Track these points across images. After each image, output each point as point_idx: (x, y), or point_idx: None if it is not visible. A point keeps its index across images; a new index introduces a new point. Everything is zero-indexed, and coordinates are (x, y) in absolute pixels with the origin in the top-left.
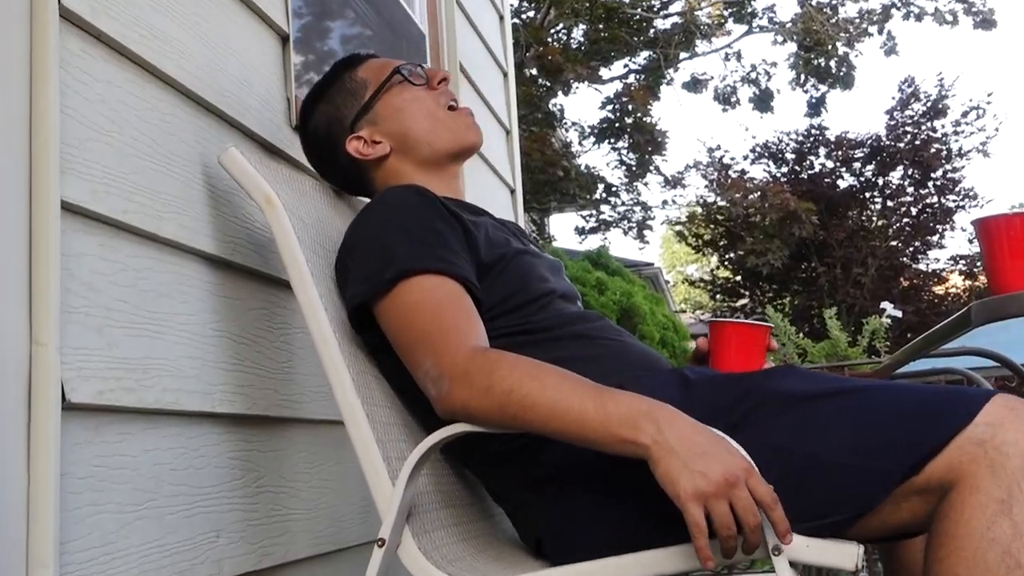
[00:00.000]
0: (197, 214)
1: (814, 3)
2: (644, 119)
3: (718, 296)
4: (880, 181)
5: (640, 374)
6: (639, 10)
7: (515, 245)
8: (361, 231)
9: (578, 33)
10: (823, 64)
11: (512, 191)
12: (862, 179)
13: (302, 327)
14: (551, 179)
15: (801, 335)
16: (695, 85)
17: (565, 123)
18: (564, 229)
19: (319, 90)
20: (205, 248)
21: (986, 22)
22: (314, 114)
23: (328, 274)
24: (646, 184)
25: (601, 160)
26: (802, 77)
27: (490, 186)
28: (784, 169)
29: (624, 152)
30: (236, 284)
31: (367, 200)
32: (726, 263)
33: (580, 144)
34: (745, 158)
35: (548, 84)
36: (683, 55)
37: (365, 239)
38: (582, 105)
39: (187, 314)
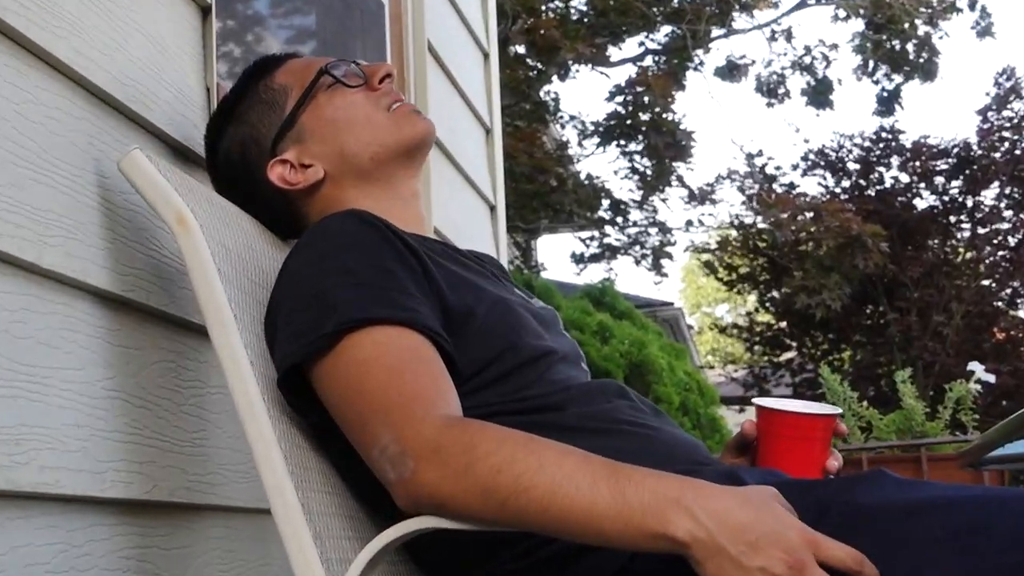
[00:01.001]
0: (89, 238)
1: None
2: (664, 115)
3: (756, 347)
4: (969, 202)
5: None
6: None
7: (494, 289)
8: (292, 274)
9: (580, 0)
10: (898, 47)
11: (492, 208)
12: (946, 198)
13: (221, 386)
14: (541, 190)
15: (864, 403)
16: (731, 71)
17: (561, 117)
18: (556, 255)
19: (226, 107)
20: (98, 283)
21: None
22: (223, 138)
23: (257, 317)
24: (665, 199)
25: (607, 167)
26: (870, 64)
27: (463, 201)
28: (845, 183)
29: (637, 157)
30: (136, 329)
31: None
32: (767, 304)
33: (580, 145)
34: (795, 167)
35: (540, 66)
36: (716, 32)
37: (297, 283)
38: (583, 95)
39: (73, 368)
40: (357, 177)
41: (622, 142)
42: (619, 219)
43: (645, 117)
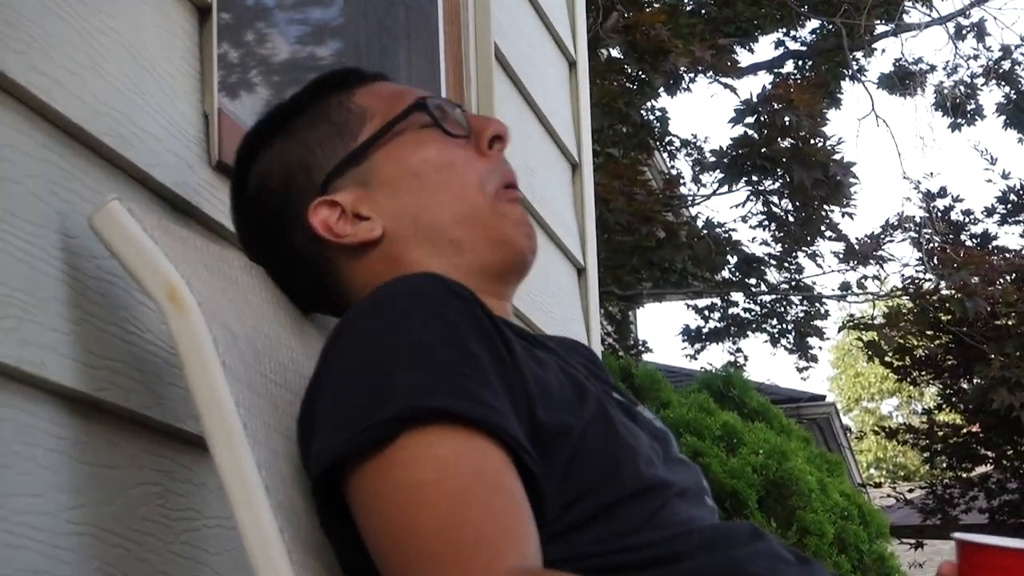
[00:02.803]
0: (50, 320)
1: None
2: (812, 140)
3: (939, 458)
4: None
5: None
6: None
7: (595, 398)
8: (343, 350)
9: None
10: None
11: (580, 270)
12: None
13: (223, 518)
14: (644, 243)
15: None
16: (902, 81)
17: (671, 143)
18: (664, 331)
19: (278, 117)
20: (61, 379)
21: None
22: (263, 156)
23: (274, 426)
24: (814, 256)
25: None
26: None
27: (542, 263)
28: None
29: (775, 199)
30: (111, 442)
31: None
32: (954, 399)
33: (696, 182)
34: (990, 213)
35: (642, 75)
36: (881, 28)
37: (349, 361)
38: (701, 113)
39: (29, 495)
40: (430, 244)
41: (754, 178)
42: (750, 282)
43: (786, 144)
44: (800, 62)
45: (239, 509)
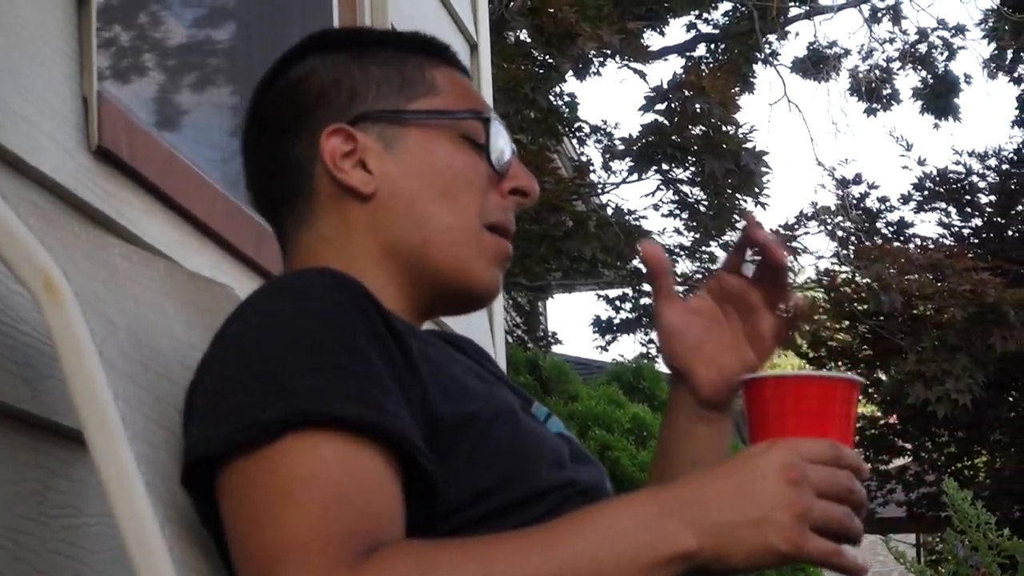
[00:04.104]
0: None
1: None
2: (724, 128)
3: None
4: None
5: None
6: None
7: (501, 397)
8: (232, 340)
9: None
10: None
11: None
12: None
13: (103, 515)
14: (552, 233)
15: (1006, 529)
16: (816, 65)
17: (580, 129)
18: (573, 322)
19: (363, 36)
20: None
21: None
22: (325, 56)
23: (154, 419)
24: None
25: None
26: (1008, 54)
27: None
28: (976, 221)
29: (687, 187)
30: None
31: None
32: (870, 391)
33: (606, 169)
34: (906, 200)
35: (550, 60)
36: (795, 10)
37: (236, 353)
38: (611, 99)
39: None
40: (395, 246)
41: (665, 166)
42: None
43: (697, 132)
44: (712, 45)
45: (118, 505)
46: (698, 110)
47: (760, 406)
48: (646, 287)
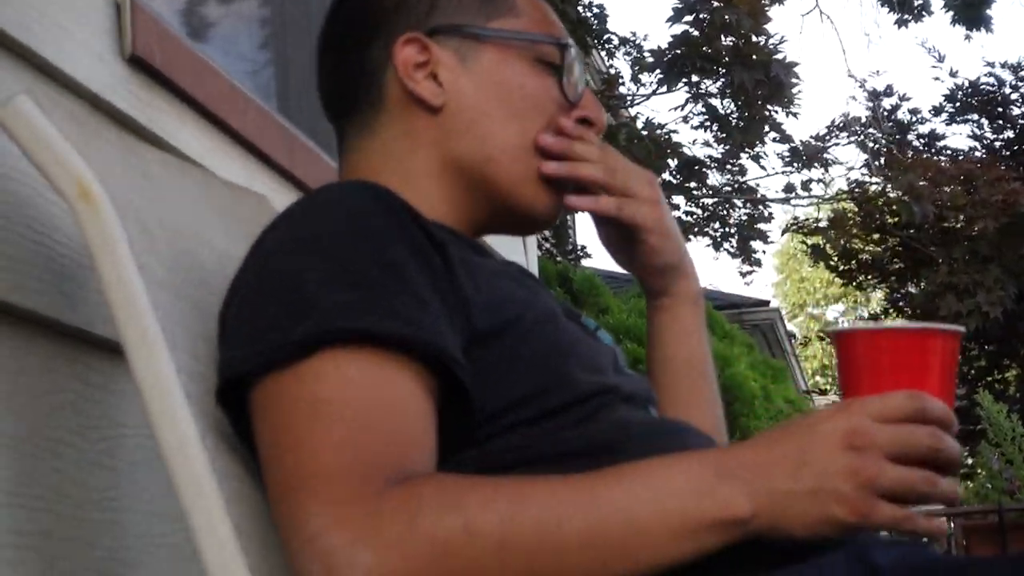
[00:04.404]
0: None
1: None
2: (754, 39)
3: None
4: None
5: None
6: None
7: (542, 301)
8: (265, 254)
9: None
10: None
11: None
12: None
13: (140, 426)
14: None
15: None
16: None
17: (608, 41)
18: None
19: None
20: None
21: None
22: None
23: (195, 330)
24: (757, 158)
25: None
26: None
27: None
28: (1009, 133)
29: (717, 100)
30: (21, 348)
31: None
32: (900, 304)
33: (635, 82)
34: (937, 112)
35: None
36: None
37: (269, 266)
38: (639, 11)
39: None
40: (468, 147)
41: (694, 78)
42: (691, 185)
43: (727, 42)
44: None
45: (157, 417)
46: (728, 21)
47: (852, 361)
48: (675, 199)
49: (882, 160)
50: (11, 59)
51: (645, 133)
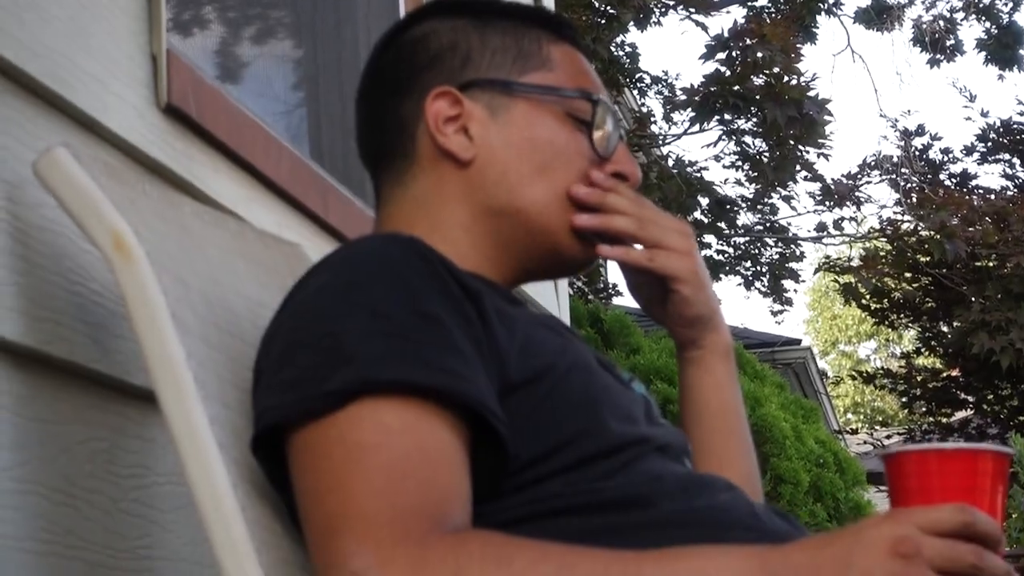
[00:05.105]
0: None
1: None
2: (786, 78)
3: (917, 403)
4: None
5: None
6: None
7: (575, 350)
8: (300, 304)
9: None
10: None
11: None
12: None
13: (174, 474)
14: None
15: None
16: (879, 16)
17: (641, 80)
18: None
19: (479, 3)
20: (4, 333)
21: None
22: (446, 18)
23: (228, 379)
24: (789, 197)
25: (706, 152)
26: None
27: None
28: None
29: (749, 138)
30: (56, 396)
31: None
32: (933, 343)
33: (667, 120)
34: (969, 151)
35: (611, 10)
36: None
37: (305, 317)
38: (672, 50)
39: None
40: (494, 199)
41: (727, 116)
42: (723, 224)
43: (759, 81)
44: None
45: (190, 466)
46: (760, 59)
47: (902, 481)
48: (706, 239)
49: (914, 198)
50: (48, 111)
51: (676, 172)
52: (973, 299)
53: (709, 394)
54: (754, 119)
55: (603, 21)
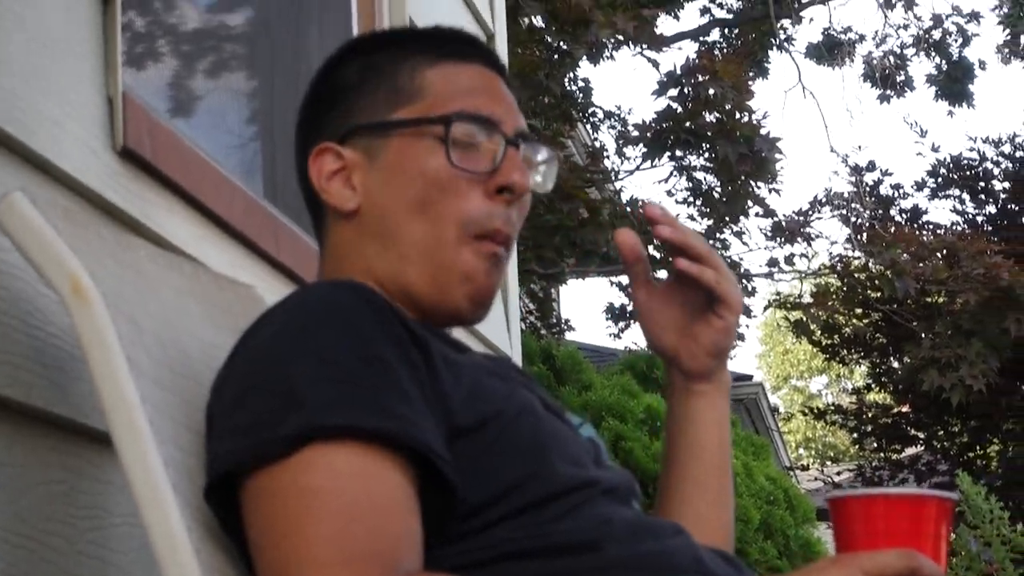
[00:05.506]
0: None
1: None
2: (738, 115)
3: (868, 439)
4: None
5: None
6: None
7: (523, 396)
8: (252, 351)
9: None
10: None
11: None
12: None
13: (129, 515)
14: (566, 222)
15: (1019, 525)
16: (830, 51)
17: (593, 114)
18: (586, 309)
19: (371, 42)
20: None
21: None
22: (339, 66)
23: (181, 422)
24: (740, 233)
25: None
26: (1023, 40)
27: None
28: (991, 208)
29: (701, 174)
30: (13, 439)
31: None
32: (883, 379)
33: (619, 155)
34: (920, 187)
35: (563, 46)
36: None
37: (256, 364)
38: (624, 84)
39: None
40: (382, 246)
41: (678, 152)
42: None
43: (711, 118)
44: (726, 30)
45: (146, 509)
46: (712, 95)
47: (848, 526)
48: (659, 274)
49: (864, 235)
50: (5, 154)
51: (629, 209)
52: (923, 335)
53: (711, 429)
54: (706, 155)
55: (556, 57)
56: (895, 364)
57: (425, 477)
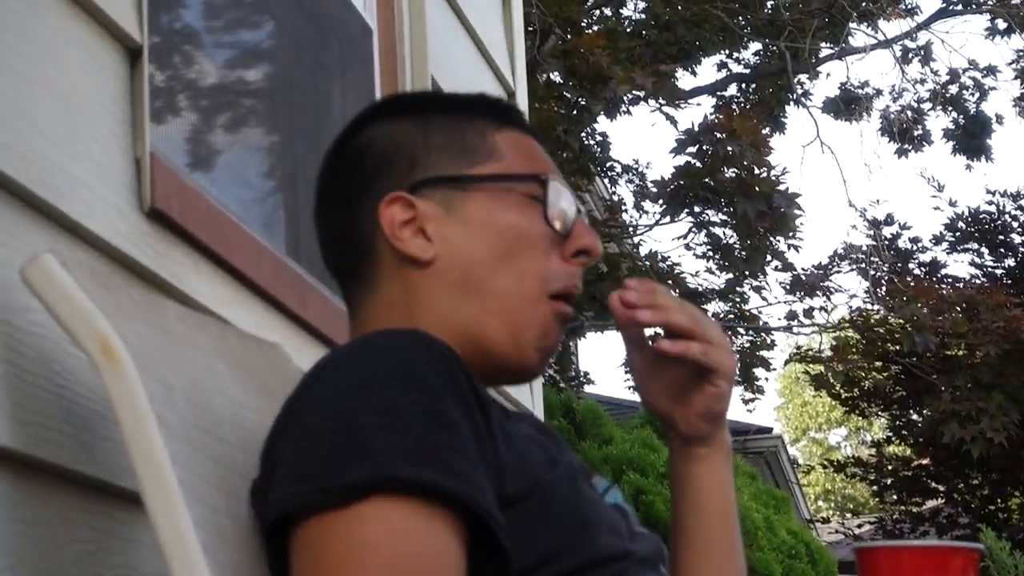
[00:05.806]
0: None
1: None
2: (757, 170)
3: (888, 492)
4: None
5: None
6: None
7: (562, 466)
8: (316, 400)
9: (636, 6)
10: None
11: None
12: None
13: (157, 575)
14: (585, 276)
15: None
16: (848, 106)
17: (612, 168)
18: (606, 363)
19: (425, 101)
20: None
21: None
22: (388, 122)
23: (212, 481)
24: (759, 288)
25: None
26: None
27: None
28: (1009, 261)
29: (720, 229)
30: (42, 498)
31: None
32: (903, 431)
33: (638, 209)
34: (938, 241)
35: (582, 101)
36: (826, 50)
37: (319, 414)
38: (643, 137)
39: None
40: (462, 297)
41: (697, 208)
42: None
43: (730, 174)
44: (743, 85)
45: (176, 568)
46: (730, 152)
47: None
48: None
49: (883, 289)
50: (35, 216)
51: (648, 263)
52: (943, 388)
53: (713, 493)
54: (725, 211)
55: (574, 112)
56: (915, 417)
57: (476, 541)
